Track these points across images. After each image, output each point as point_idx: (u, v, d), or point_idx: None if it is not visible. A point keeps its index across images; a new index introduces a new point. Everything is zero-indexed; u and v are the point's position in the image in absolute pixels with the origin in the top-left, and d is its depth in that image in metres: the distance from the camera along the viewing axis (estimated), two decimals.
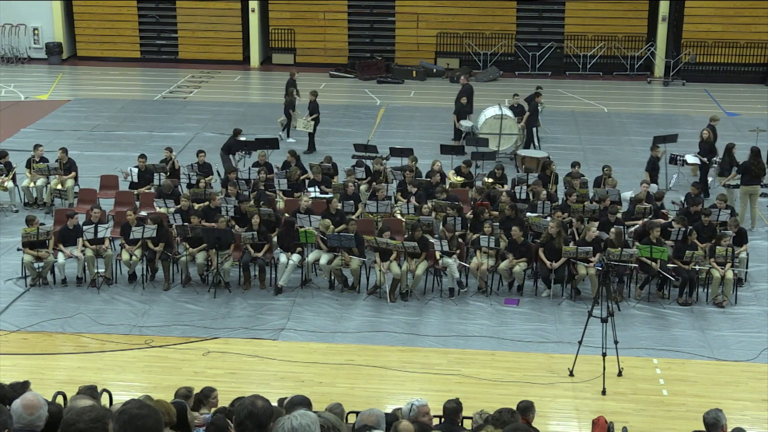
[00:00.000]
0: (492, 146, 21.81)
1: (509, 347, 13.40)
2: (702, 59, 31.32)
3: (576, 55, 32.26)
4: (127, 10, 33.64)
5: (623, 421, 10.91)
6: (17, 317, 14.17)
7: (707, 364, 12.92)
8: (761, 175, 17.99)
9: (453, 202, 16.40)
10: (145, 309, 14.51)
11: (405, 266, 14.90)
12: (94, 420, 4.51)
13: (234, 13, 33.20)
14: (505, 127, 22.00)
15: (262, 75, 33.06)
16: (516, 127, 22.14)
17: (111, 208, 17.56)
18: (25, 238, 15.02)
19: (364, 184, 18.33)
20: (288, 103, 23.67)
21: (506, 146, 22.08)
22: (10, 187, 18.50)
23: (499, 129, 21.96)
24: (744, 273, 15.42)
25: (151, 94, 29.42)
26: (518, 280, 15.09)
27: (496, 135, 21.93)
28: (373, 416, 6.92)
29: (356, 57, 32.77)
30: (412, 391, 12.02)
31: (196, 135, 24.18)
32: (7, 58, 33.22)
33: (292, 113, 23.66)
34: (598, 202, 16.78)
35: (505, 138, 22.03)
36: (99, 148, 22.90)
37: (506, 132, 21.99)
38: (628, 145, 23.22)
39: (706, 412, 8.41)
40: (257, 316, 14.33)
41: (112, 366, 12.88)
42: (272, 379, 12.45)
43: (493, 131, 22.02)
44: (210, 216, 15.89)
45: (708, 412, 8.39)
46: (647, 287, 15.04)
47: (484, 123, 22.19)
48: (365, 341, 13.56)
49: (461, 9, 32.46)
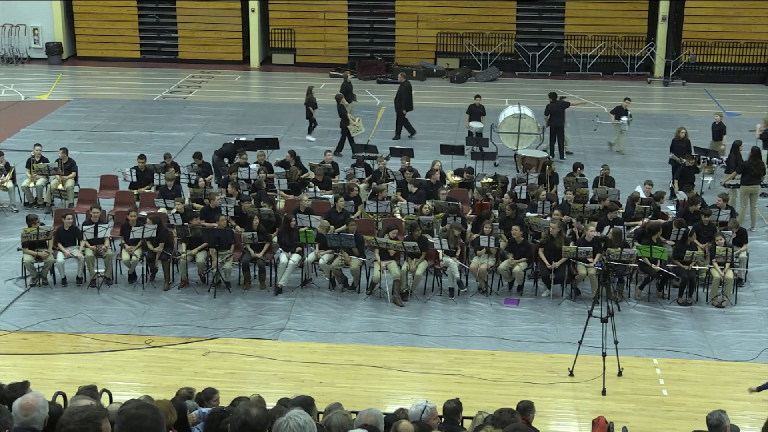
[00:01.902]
0: (511, 145, 21.90)
1: (509, 347, 13.40)
2: (702, 59, 31.31)
3: (576, 55, 32.26)
4: (127, 10, 33.63)
5: (623, 421, 10.91)
6: (17, 317, 14.17)
7: (707, 364, 12.92)
8: (761, 175, 17.99)
9: (452, 203, 16.41)
10: (145, 309, 14.51)
11: (405, 266, 14.91)
12: (84, 420, 4.47)
13: (234, 13, 33.19)
14: (524, 127, 22.02)
15: (262, 75, 33.05)
16: (535, 126, 22.17)
17: (111, 208, 17.56)
18: (25, 238, 15.02)
19: (364, 184, 18.34)
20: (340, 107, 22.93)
21: (526, 145, 22.09)
22: (10, 187, 18.50)
23: (518, 128, 22.00)
24: (744, 273, 15.43)
25: (151, 94, 29.41)
26: (518, 280, 15.09)
27: (515, 134, 21.98)
28: (371, 416, 6.91)
29: (356, 57, 32.77)
30: (412, 391, 12.03)
31: (196, 135, 24.18)
32: (7, 58, 33.22)
33: (312, 111, 23.56)
34: (598, 202, 16.79)
35: (524, 137, 22.06)
36: (99, 148, 22.90)
37: (525, 131, 22.01)
38: (628, 145, 23.20)
39: (710, 414, 8.39)
40: (257, 316, 14.33)
41: (112, 366, 12.88)
42: (272, 379, 12.45)
43: (511, 130, 22.06)
44: (210, 216, 15.89)
45: (711, 414, 8.36)
46: (647, 287, 15.04)
47: (503, 122, 22.24)
48: (365, 341, 13.56)
49: (461, 9, 32.45)
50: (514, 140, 22.05)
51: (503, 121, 22.26)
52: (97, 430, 4.46)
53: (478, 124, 22.55)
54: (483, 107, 22.97)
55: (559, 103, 22.05)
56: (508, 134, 22.10)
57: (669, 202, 17.90)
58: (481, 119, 22.81)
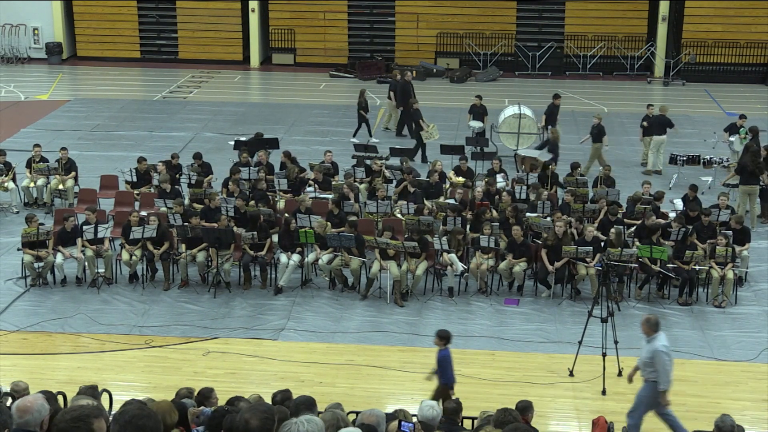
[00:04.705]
0: (511, 145, 21.91)
1: (509, 347, 13.40)
2: (702, 59, 31.32)
3: (576, 55, 32.26)
4: (127, 10, 33.64)
5: (623, 421, 10.91)
6: (17, 317, 14.17)
7: (707, 364, 12.93)
8: (759, 175, 17.99)
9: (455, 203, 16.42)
10: (145, 309, 14.51)
11: (405, 266, 14.91)
12: (75, 419, 4.43)
13: (234, 13, 33.20)
14: (523, 127, 22.03)
15: (262, 75, 33.05)
16: (535, 126, 22.19)
17: (111, 208, 17.56)
18: (25, 238, 15.03)
19: (363, 184, 18.34)
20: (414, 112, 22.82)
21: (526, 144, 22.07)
22: (11, 187, 18.50)
23: (518, 128, 22.01)
24: (745, 272, 15.42)
25: (151, 94, 29.41)
26: (518, 280, 15.09)
27: (515, 134, 21.99)
28: (373, 416, 6.91)
29: (356, 57, 32.77)
30: (412, 391, 12.04)
31: (196, 135, 24.18)
32: (7, 58, 33.22)
33: (365, 114, 23.46)
34: (598, 202, 16.79)
35: (524, 137, 22.07)
36: (99, 148, 22.90)
37: (525, 131, 22.02)
38: (628, 145, 23.20)
39: (721, 420, 8.29)
40: (257, 316, 14.33)
41: (112, 366, 12.88)
42: (272, 379, 12.44)
43: (511, 130, 22.07)
44: (210, 216, 15.89)
45: (723, 421, 8.25)
46: (647, 287, 15.04)
47: (503, 122, 22.25)
48: (365, 341, 13.57)
49: (461, 9, 32.46)
50: (514, 140, 22.06)
51: (503, 121, 22.28)
52: (89, 429, 4.41)
53: (477, 123, 22.54)
54: (485, 107, 22.94)
55: (665, 118, 21.18)
56: (508, 134, 22.11)
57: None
58: (483, 119, 22.81)
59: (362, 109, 23.48)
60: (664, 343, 10.37)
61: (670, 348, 10.50)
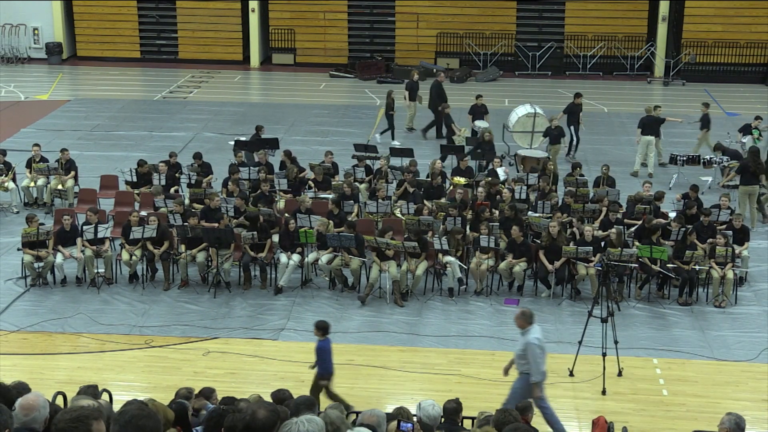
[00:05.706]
0: (524, 144, 21.96)
1: (509, 347, 13.33)
2: (702, 59, 31.32)
3: (576, 55, 32.26)
4: (127, 10, 33.64)
5: (623, 421, 10.92)
6: (17, 317, 14.17)
7: (707, 364, 12.92)
8: (759, 175, 17.99)
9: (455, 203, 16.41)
10: (145, 309, 14.51)
11: (405, 266, 14.91)
12: (74, 420, 4.43)
13: (234, 13, 33.20)
14: (537, 125, 22.02)
15: (262, 75, 33.05)
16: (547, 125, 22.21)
17: (111, 208, 17.56)
18: (25, 238, 15.02)
19: (364, 184, 18.34)
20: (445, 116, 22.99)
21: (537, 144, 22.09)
22: (11, 187, 18.50)
23: (532, 127, 22.00)
24: (745, 272, 15.42)
25: (151, 94, 29.41)
26: (518, 280, 15.09)
27: (529, 133, 21.99)
28: (374, 416, 6.91)
29: (356, 57, 32.77)
30: (412, 391, 12.04)
31: (196, 135, 24.18)
32: (7, 58, 33.22)
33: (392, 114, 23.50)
34: (598, 202, 16.79)
35: (537, 135, 22.08)
36: (99, 148, 22.90)
37: (539, 130, 22.00)
38: (628, 145, 23.20)
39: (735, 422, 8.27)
40: (257, 316, 14.33)
41: (112, 366, 12.88)
42: (272, 379, 12.43)
43: (525, 129, 22.07)
44: (210, 216, 15.88)
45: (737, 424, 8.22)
46: (647, 287, 15.04)
47: (516, 121, 22.23)
48: (365, 341, 13.56)
49: (461, 9, 32.46)
50: (527, 139, 22.04)
51: (517, 121, 22.23)
52: (88, 430, 4.42)
53: (483, 123, 22.52)
54: (485, 106, 22.95)
55: (653, 118, 21.28)
56: (521, 133, 22.06)
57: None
58: (485, 118, 22.80)
59: (391, 109, 23.50)
60: (537, 336, 10.48)
61: (543, 341, 10.59)
